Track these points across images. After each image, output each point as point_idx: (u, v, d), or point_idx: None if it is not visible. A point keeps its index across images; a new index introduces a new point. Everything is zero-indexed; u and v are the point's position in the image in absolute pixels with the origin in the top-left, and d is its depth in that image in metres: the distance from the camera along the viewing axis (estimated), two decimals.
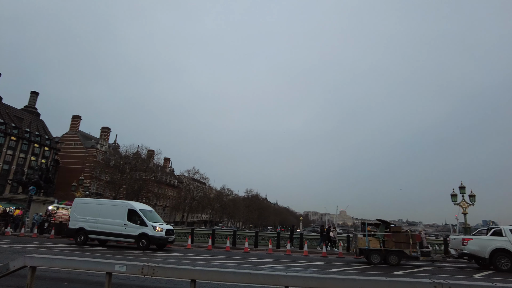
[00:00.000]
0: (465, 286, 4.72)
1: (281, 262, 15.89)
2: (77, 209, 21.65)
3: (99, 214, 20.81)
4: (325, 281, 5.09)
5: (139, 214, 20.30)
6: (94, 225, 20.60)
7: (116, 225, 20.14)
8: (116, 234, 20.09)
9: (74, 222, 21.20)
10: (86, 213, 21.11)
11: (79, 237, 20.82)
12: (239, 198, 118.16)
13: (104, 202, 22.89)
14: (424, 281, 4.84)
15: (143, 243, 19.54)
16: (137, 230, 19.82)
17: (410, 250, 16.68)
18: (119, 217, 20.31)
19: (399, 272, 13.16)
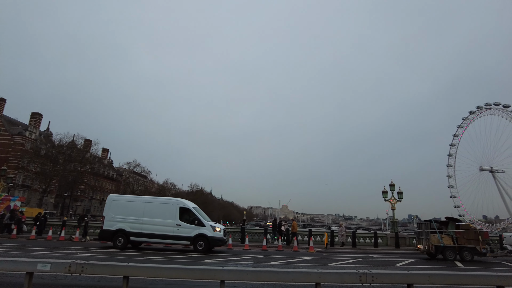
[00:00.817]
0: (385, 274, 5.18)
1: (222, 256, 15.95)
2: (113, 207, 18.73)
3: (143, 213, 18.19)
4: (260, 274, 5.24)
5: (194, 213, 18.42)
6: (138, 226, 17.94)
7: (166, 225, 17.81)
8: (167, 236, 17.78)
9: (110, 223, 18.24)
10: (126, 212, 18.35)
11: (118, 240, 17.91)
12: (183, 192, 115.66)
13: (148, 200, 19.74)
14: (350, 271, 5.22)
15: (201, 245, 17.64)
16: (193, 231, 17.82)
17: (480, 246, 17.68)
18: (169, 217, 18.03)
19: (332, 264, 13.98)
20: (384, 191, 27.72)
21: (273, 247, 22.06)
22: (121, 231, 17.95)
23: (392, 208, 27.46)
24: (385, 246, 25.48)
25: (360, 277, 5.11)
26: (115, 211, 18.53)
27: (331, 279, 5.25)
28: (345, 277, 5.18)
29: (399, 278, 5.23)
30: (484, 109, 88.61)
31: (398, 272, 5.27)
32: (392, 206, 27.41)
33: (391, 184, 27.64)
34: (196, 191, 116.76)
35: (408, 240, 26.64)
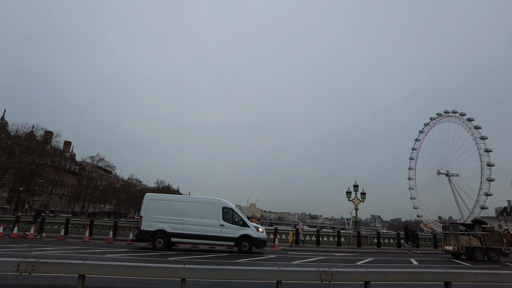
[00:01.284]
0: (344, 272, 5.34)
1: (186, 254, 15.73)
2: (152, 207, 17.69)
3: (185, 213, 17.42)
4: (222, 272, 5.22)
5: (238, 213, 18.16)
6: (180, 226, 17.14)
7: (210, 226, 17.22)
8: (210, 237, 17.18)
9: (149, 223, 17.24)
10: (166, 212, 17.48)
11: (157, 241, 16.98)
12: (149, 189, 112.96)
13: (189, 199, 18.99)
14: (311, 269, 5.33)
15: (245, 246, 17.27)
16: (237, 232, 17.42)
17: (505, 247, 18.60)
18: (212, 217, 17.47)
19: (295, 262, 14.23)
20: (348, 192, 28.61)
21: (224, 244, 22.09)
22: (161, 232, 17.09)
23: (355, 208, 28.41)
24: (348, 244, 26.31)
25: (320, 275, 5.23)
26: (154, 211, 17.56)
27: (292, 277, 5.34)
28: (305, 275, 5.28)
29: (357, 276, 5.42)
30: (443, 116, 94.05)
31: (356, 270, 5.45)
32: (355, 206, 28.35)
33: (355, 185, 28.59)
34: (162, 188, 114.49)
35: (369, 239, 27.65)
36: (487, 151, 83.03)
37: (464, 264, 16.72)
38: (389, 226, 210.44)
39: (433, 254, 22.05)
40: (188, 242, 17.61)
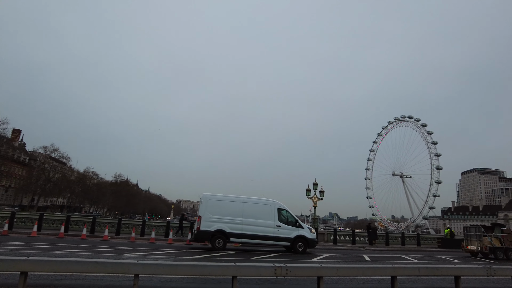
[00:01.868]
0: (298, 268, 5.47)
1: (143, 250, 15.34)
2: (210, 207, 17.70)
3: (243, 214, 17.64)
4: (176, 268, 5.14)
5: (292, 215, 18.73)
6: (238, 226, 17.36)
7: (266, 226, 17.60)
8: (267, 237, 17.51)
9: (208, 223, 17.24)
10: (224, 212, 17.60)
11: (217, 241, 17.08)
12: (106, 182, 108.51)
13: (246, 200, 18.61)
14: (266, 265, 5.41)
15: (300, 246, 17.76)
16: (293, 233, 17.89)
17: None
18: (269, 218, 17.88)
19: (254, 258, 14.36)
20: (307, 190, 29.32)
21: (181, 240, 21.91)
22: (220, 232, 17.25)
23: (314, 205, 29.19)
24: None
25: (275, 270, 5.32)
26: (213, 211, 17.65)
27: (248, 272, 5.38)
28: (261, 270, 5.35)
29: (310, 271, 5.58)
30: (400, 120, 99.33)
31: (310, 265, 5.62)
32: (314, 204, 29.13)
33: (315, 183, 29.37)
34: (120, 182, 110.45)
35: (326, 236, 28.58)
36: (437, 155, 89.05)
37: (411, 259, 17.81)
38: (346, 224, 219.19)
39: (385, 251, 23.26)
40: (246, 242, 17.82)
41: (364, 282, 9.88)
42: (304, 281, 9.27)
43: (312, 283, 5.90)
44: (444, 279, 9.37)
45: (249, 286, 8.66)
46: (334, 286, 9.12)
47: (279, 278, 9.27)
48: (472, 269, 6.91)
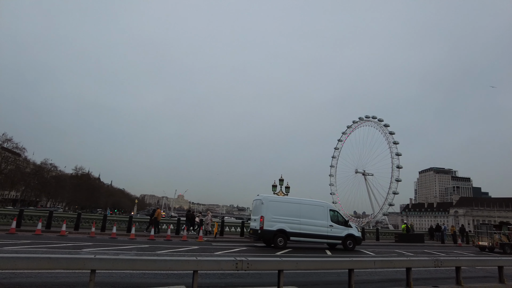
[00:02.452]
0: (259, 261, 5.56)
1: (103, 245, 14.82)
2: (271, 208, 18.72)
3: (300, 215, 18.94)
4: (135, 263, 5.03)
5: (341, 215, 20.32)
6: (297, 226, 18.61)
7: (321, 226, 19.07)
8: (321, 236, 19.04)
9: (270, 223, 18.26)
10: (284, 213, 18.75)
11: (279, 240, 18.06)
12: (66, 175, 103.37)
13: (302, 201, 20.08)
14: (227, 259, 5.44)
15: (350, 244, 19.48)
16: (344, 231, 19.51)
17: None
18: (322, 218, 19.35)
19: (218, 253, 14.37)
20: (274, 185, 29.70)
21: (144, 236, 21.53)
22: (282, 231, 18.28)
23: None
24: None
25: (236, 264, 5.36)
26: (274, 212, 18.65)
27: (209, 267, 5.39)
28: (222, 264, 5.36)
29: (271, 264, 5.68)
30: (364, 120, 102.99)
31: (271, 259, 5.71)
32: None
33: (281, 179, 29.81)
34: (81, 175, 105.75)
35: None
36: (398, 154, 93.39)
37: (369, 253, 18.62)
38: None
39: None
40: (303, 240, 18.98)
41: (325, 275, 10.22)
42: (267, 275, 9.43)
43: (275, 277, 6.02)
44: (398, 271, 9.84)
45: (211, 280, 8.68)
46: (296, 279, 9.35)
47: (242, 272, 9.37)
48: (422, 261, 7.37)
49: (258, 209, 19.20)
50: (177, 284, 7.90)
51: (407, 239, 30.62)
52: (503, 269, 8.26)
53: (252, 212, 20.76)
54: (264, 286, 8.11)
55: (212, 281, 8.58)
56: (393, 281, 9.47)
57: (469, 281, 9.43)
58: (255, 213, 19.77)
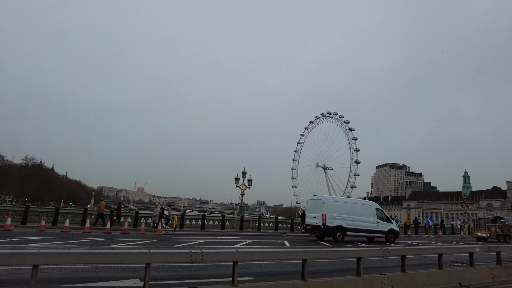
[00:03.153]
0: (214, 253, 5.54)
1: (53, 239, 14.06)
2: (330, 207, 21.26)
3: (353, 213, 21.55)
4: (84, 256, 4.80)
5: (384, 212, 23.28)
6: (351, 222, 21.18)
7: (369, 222, 21.84)
8: (370, 231, 21.96)
9: (331, 220, 20.78)
10: (341, 212, 21.25)
11: (337, 234, 20.60)
12: (14, 166, 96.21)
13: (354, 201, 24.59)
14: (181, 251, 5.36)
15: (391, 237, 22.43)
16: (387, 227, 22.48)
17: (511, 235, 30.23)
18: (370, 215, 22.16)
19: (176, 246, 14.18)
20: (236, 178, 29.78)
21: (118, 230, 20.79)
22: (340, 227, 20.82)
23: (241, 193, 29.78)
24: (232, 228, 27.51)
25: (190, 256, 5.29)
26: (333, 210, 21.10)
27: (162, 259, 5.28)
28: (176, 256, 5.27)
29: (226, 256, 5.68)
30: (326, 116, 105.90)
31: (226, 251, 5.73)
32: (242, 192, 29.74)
33: (244, 172, 29.95)
34: (32, 166, 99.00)
35: (251, 223, 29.45)
36: (356, 150, 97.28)
37: (325, 244, 19.30)
38: (272, 212, 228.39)
39: (304, 236, 24.82)
40: (356, 235, 21.67)
41: (281, 266, 10.47)
42: (224, 267, 9.46)
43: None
44: (351, 261, 10.30)
45: (168, 273, 8.56)
46: (253, 270, 9.49)
47: (200, 264, 9.32)
48: (371, 251, 7.77)
49: (317, 208, 21.50)
50: (131, 277, 7.71)
51: None
52: (442, 256, 8.93)
53: (309, 210, 22.82)
54: (221, 277, 8.14)
55: (168, 274, 8.46)
56: (346, 270, 9.90)
57: (413, 268, 10.11)
58: (313, 211, 21.95)
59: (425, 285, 8.18)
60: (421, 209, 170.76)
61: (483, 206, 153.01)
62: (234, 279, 5.67)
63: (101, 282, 7.00)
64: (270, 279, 8.10)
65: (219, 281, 7.49)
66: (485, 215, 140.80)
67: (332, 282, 6.57)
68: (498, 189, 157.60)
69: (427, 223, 39.62)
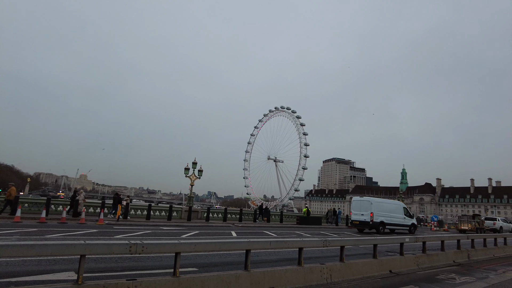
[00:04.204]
0: (155, 244, 5.37)
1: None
2: (376, 207, 26.49)
3: (390, 211, 27.42)
4: (6, 249, 4.37)
5: (408, 210, 29.61)
6: (389, 219, 26.92)
7: (399, 218, 27.95)
8: (400, 225, 27.78)
9: (376, 217, 25.97)
10: (382, 210, 26.79)
11: (381, 228, 26.07)
12: None
13: (390, 202, 30.76)
14: (120, 242, 5.12)
15: (412, 230, 28.47)
16: (410, 221, 28.84)
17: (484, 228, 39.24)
18: (400, 213, 28.29)
19: (118, 236, 13.60)
20: (186, 168, 29.21)
21: (55, 219, 19.37)
22: (382, 222, 26.24)
23: (191, 184, 29.33)
24: (179, 219, 27.04)
25: (130, 247, 5.08)
26: (377, 209, 26.35)
27: (98, 251, 5.00)
28: (114, 248, 5.02)
29: (168, 247, 5.54)
30: (279, 110, 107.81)
31: (168, 242, 5.57)
32: (192, 182, 29.28)
33: (194, 162, 29.46)
34: None
35: (200, 214, 29.18)
36: (306, 145, 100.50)
37: (272, 234, 19.80)
38: (222, 202, 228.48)
39: (252, 227, 25.22)
40: (391, 228, 27.16)
41: (227, 256, 10.53)
42: (168, 258, 9.27)
43: None
44: (294, 251, 10.66)
45: (107, 265, 8.20)
46: (197, 261, 9.42)
47: (142, 256, 9.04)
48: (312, 242, 8.10)
49: (365, 207, 26.75)
50: (66, 270, 7.25)
51: (307, 221, 33.47)
52: (376, 247, 9.63)
53: (355, 209, 27.78)
54: (164, 269, 7.97)
55: (107, 266, 8.11)
56: (288, 260, 10.24)
57: (352, 258, 10.77)
58: (360, 209, 27.01)
59: (361, 273, 8.76)
60: None
61: (416, 200, 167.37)
62: (175, 270, 5.57)
63: (29, 276, 6.47)
64: (214, 269, 8.09)
65: (161, 273, 7.33)
66: (417, 209, 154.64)
67: (273, 272, 6.75)
68: (429, 185, 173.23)
69: None
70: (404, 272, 9.95)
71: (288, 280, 6.89)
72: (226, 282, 5.93)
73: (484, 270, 11.76)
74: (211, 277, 5.84)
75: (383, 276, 9.13)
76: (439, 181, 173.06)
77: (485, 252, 15.60)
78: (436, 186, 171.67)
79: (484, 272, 11.43)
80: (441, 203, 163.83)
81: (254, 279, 6.33)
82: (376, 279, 8.73)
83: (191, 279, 5.63)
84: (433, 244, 14.55)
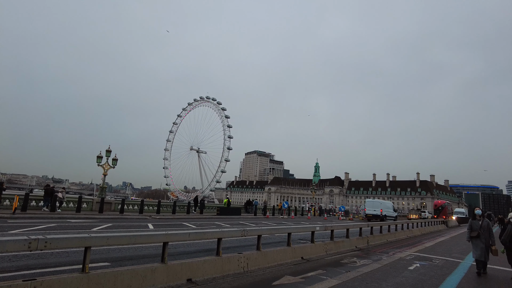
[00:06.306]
0: (61, 239, 4.89)
1: None
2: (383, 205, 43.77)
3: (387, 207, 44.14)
4: None
5: (394, 207, 48.76)
6: (387, 212, 42.48)
7: (391, 212, 44.48)
8: (391, 216, 42.95)
9: (383, 212, 41.65)
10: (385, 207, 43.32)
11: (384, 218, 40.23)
12: None
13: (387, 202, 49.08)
14: (17, 238, 4.54)
15: (395, 219, 42.02)
16: (395, 214, 45.45)
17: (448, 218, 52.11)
18: (391, 209, 45.69)
19: (15, 231, 12.04)
20: (99, 156, 26.99)
21: None
22: (385, 215, 41.54)
23: (104, 173, 27.24)
24: (90, 211, 24.99)
25: (29, 243, 4.52)
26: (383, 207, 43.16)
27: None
28: (8, 245, 4.39)
29: (77, 241, 5.09)
30: (204, 100, 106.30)
31: (76, 236, 5.12)
32: (105, 172, 27.21)
33: (108, 150, 27.37)
34: None
35: (113, 206, 27.33)
36: (230, 137, 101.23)
37: (191, 226, 19.61)
38: (139, 194, 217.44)
39: (171, 219, 24.57)
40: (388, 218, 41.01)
41: (142, 249, 10.14)
42: (75, 253, 8.58)
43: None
44: (214, 241, 10.77)
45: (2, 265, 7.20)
46: (110, 255, 8.90)
47: (44, 252, 8.16)
48: (231, 232, 8.28)
49: (376, 205, 43.01)
50: None
51: (227, 212, 34.00)
52: (290, 235, 10.32)
53: (368, 206, 43.70)
54: (71, 265, 7.35)
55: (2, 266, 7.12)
56: (207, 251, 10.31)
57: (268, 246, 11.34)
58: (373, 207, 42.78)
59: (275, 260, 9.27)
60: (279, 193, 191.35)
61: (327, 192, 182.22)
62: (84, 266, 5.17)
63: None
64: (128, 263, 7.73)
65: (67, 269, 6.75)
66: (327, 200, 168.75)
67: (191, 263, 6.74)
68: (339, 178, 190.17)
69: (283, 206, 44.91)
70: (314, 258, 10.84)
71: (206, 271, 6.95)
72: (141, 276, 5.73)
73: (379, 253, 13.49)
74: (125, 272, 5.57)
75: (296, 263, 9.82)
76: (347, 175, 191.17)
77: (380, 237, 17.93)
78: (344, 180, 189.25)
79: (379, 255, 13.12)
80: (348, 195, 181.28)
81: (171, 271, 6.23)
82: (289, 266, 9.35)
83: (102, 274, 5.29)
84: (340, 232, 16.09)
